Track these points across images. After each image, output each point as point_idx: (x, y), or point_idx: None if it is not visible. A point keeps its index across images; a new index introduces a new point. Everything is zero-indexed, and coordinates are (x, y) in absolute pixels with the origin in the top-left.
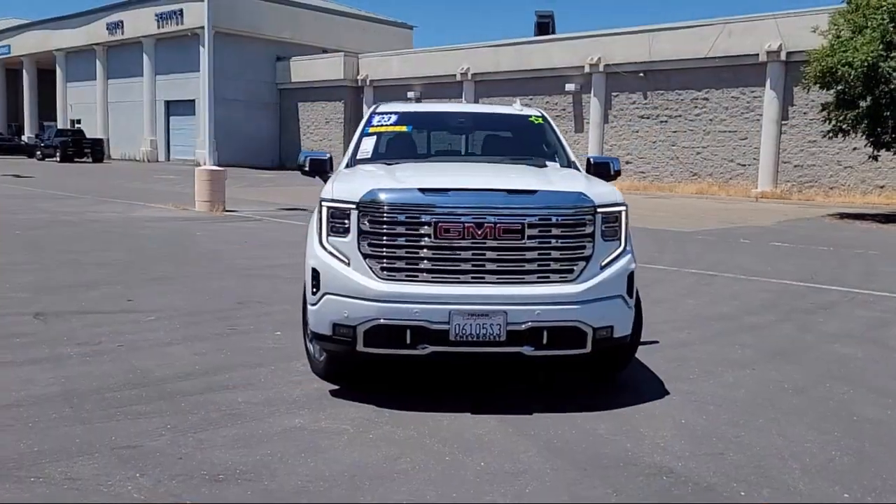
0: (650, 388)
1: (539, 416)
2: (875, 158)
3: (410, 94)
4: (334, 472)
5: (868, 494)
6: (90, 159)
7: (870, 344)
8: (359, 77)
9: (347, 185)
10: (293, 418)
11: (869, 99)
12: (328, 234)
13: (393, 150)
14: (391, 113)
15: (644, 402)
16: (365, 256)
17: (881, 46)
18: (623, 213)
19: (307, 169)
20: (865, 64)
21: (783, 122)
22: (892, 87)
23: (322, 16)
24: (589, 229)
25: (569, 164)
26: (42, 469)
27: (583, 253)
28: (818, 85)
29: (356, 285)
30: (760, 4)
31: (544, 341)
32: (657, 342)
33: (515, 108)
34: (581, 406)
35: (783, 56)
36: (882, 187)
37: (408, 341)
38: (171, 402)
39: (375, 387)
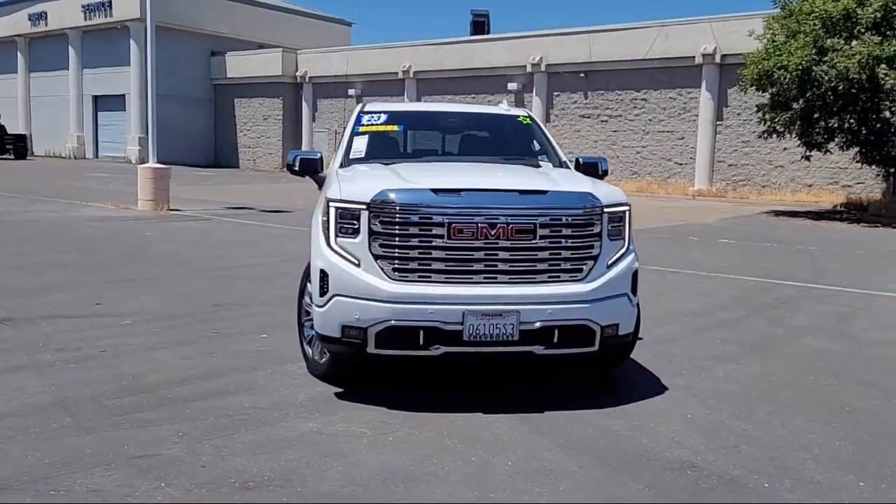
0: (648, 383)
1: (551, 415)
2: (808, 158)
3: (352, 92)
4: (364, 476)
5: (881, 482)
6: (12, 156)
7: (839, 337)
8: (298, 73)
9: (356, 186)
10: (305, 422)
11: (802, 101)
12: (336, 235)
13: (386, 149)
14: (380, 112)
15: (647, 399)
16: (376, 257)
17: (814, 51)
18: (627, 213)
19: (297, 168)
20: (800, 68)
21: (718, 123)
22: (824, 90)
23: (258, 10)
24: (597, 229)
25: (560, 164)
26: (60, 482)
27: (591, 252)
28: (754, 87)
29: (368, 287)
30: (696, 8)
31: (555, 340)
32: (642, 339)
33: (503, 108)
34: (588, 403)
35: (718, 59)
36: (810, 186)
37: (421, 342)
38: (175, 408)
39: (378, 388)
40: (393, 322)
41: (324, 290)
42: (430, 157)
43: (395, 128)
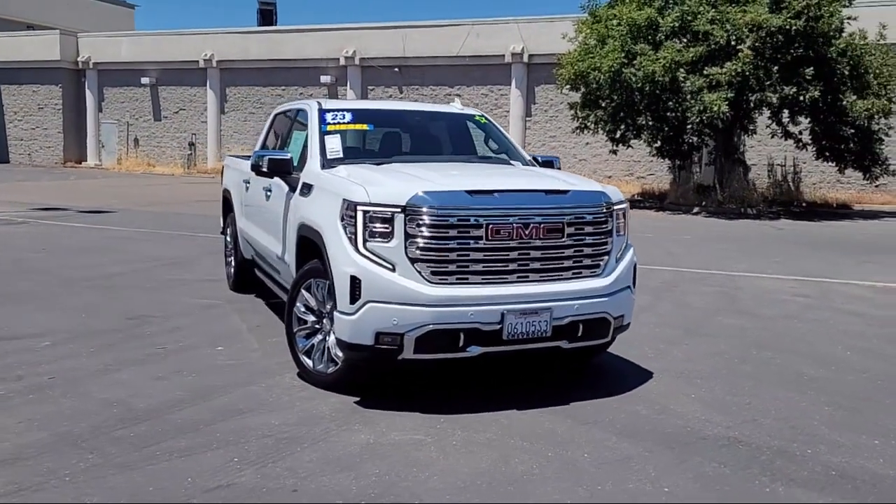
0: (629, 369)
1: (579, 406)
2: (614, 153)
3: (145, 81)
4: (467, 483)
5: (889, 440)
6: None
7: (743, 315)
8: (80, 59)
9: (385, 188)
10: (356, 434)
11: (613, 100)
12: (366, 240)
13: (361, 149)
14: (342, 110)
15: (645, 383)
16: (413, 261)
17: (623, 55)
18: (627, 210)
19: (265, 170)
20: (612, 70)
21: (527, 119)
22: (633, 90)
23: None
24: (610, 226)
25: (527, 163)
26: None
27: (606, 248)
28: (569, 86)
29: (407, 291)
30: (506, 8)
31: (579, 334)
32: None
33: (456, 107)
34: (602, 391)
35: (526, 58)
36: (610, 177)
37: (461, 344)
38: (201, 433)
39: (388, 393)
40: (433, 326)
41: (355, 296)
42: (413, 157)
43: (365, 127)
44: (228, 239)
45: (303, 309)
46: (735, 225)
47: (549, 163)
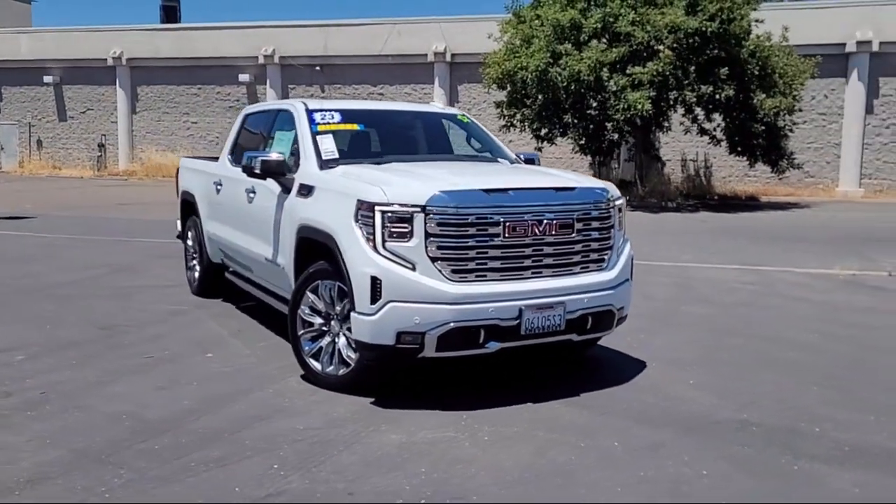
0: (622, 359)
1: (589, 397)
2: (539, 150)
3: (48, 79)
4: (515, 476)
5: (881, 416)
6: None
7: (704, 304)
8: None
9: (403, 189)
10: (386, 435)
11: (539, 99)
12: (385, 240)
13: (355, 149)
14: (330, 111)
15: (642, 372)
16: (433, 260)
17: (549, 55)
18: (624, 205)
19: (258, 171)
20: (538, 69)
21: None
22: (558, 90)
23: None
24: (612, 221)
25: (513, 161)
26: None
27: (609, 243)
28: (496, 85)
29: (428, 290)
30: (428, 7)
31: (588, 327)
32: None
33: (437, 106)
34: (605, 383)
35: (448, 57)
36: None
37: (480, 341)
38: (228, 442)
39: (397, 392)
40: (454, 324)
41: (375, 297)
42: (405, 157)
43: (356, 126)
44: (190, 243)
45: (308, 311)
46: (660, 218)
47: (530, 160)
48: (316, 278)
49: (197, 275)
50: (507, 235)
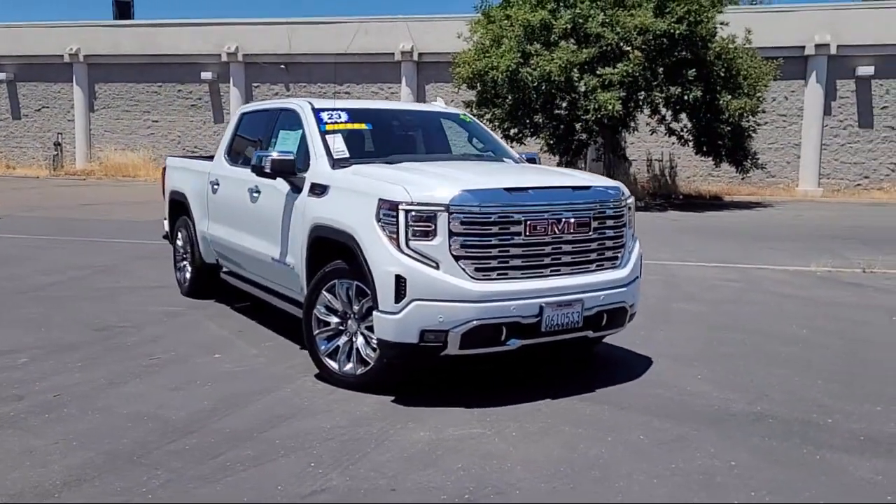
0: (628, 355)
1: (604, 392)
2: None
3: (1, 76)
4: (551, 471)
5: (889, 406)
6: None
7: (695, 301)
8: None
9: (425, 188)
10: (412, 432)
11: (509, 99)
12: (408, 239)
13: (363, 148)
14: (336, 110)
15: (650, 368)
16: (457, 258)
17: (519, 55)
18: (633, 204)
19: (268, 171)
20: (509, 69)
21: None
22: (529, 90)
23: None
24: (625, 219)
25: (517, 160)
26: None
27: (622, 241)
28: (467, 85)
29: (452, 288)
30: (395, 6)
31: (603, 323)
32: None
33: (440, 105)
34: (617, 378)
35: (416, 56)
36: None
37: (503, 338)
38: (258, 441)
39: (415, 390)
40: (478, 321)
41: (400, 295)
42: (414, 157)
43: (364, 126)
44: (180, 243)
45: (324, 311)
46: None
47: (532, 160)
48: (333, 277)
49: (188, 276)
50: (527, 234)
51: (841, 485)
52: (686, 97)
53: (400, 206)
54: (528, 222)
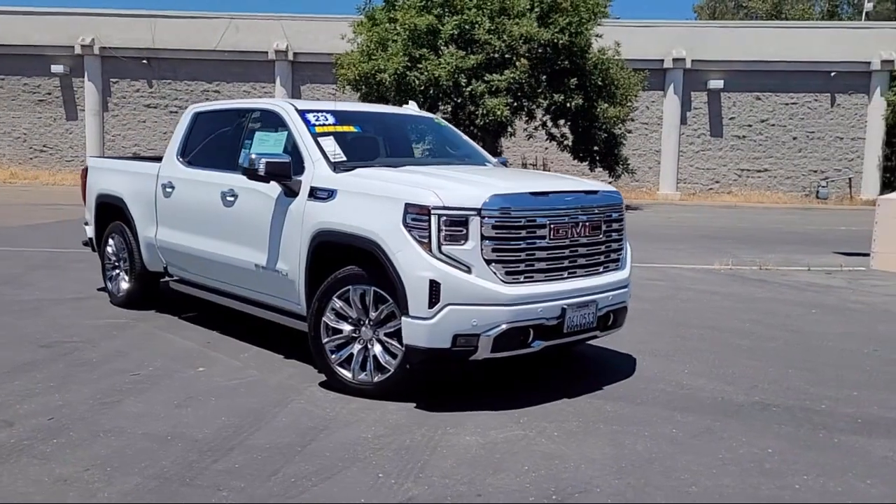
0: (607, 353)
1: (613, 389)
2: None
3: None
4: (614, 466)
5: (874, 393)
6: None
7: (635, 299)
8: None
9: (456, 192)
10: (457, 437)
11: (396, 101)
12: (441, 243)
13: (357, 151)
14: (321, 111)
15: (638, 364)
16: (489, 262)
17: (406, 59)
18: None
19: (262, 174)
20: (397, 72)
21: None
22: (416, 94)
23: None
24: (624, 222)
25: (494, 163)
26: None
27: (622, 243)
28: (352, 87)
29: (485, 292)
30: (268, 4)
31: (609, 323)
32: None
33: (413, 109)
34: (617, 375)
35: (291, 56)
36: None
37: (530, 340)
38: (308, 455)
39: (427, 396)
40: (508, 325)
41: (433, 300)
42: (409, 160)
43: (353, 128)
44: (111, 250)
45: (334, 318)
46: None
47: (503, 164)
48: (346, 283)
49: (124, 285)
50: (551, 237)
51: (870, 465)
52: (568, 104)
53: (432, 211)
54: (552, 226)
